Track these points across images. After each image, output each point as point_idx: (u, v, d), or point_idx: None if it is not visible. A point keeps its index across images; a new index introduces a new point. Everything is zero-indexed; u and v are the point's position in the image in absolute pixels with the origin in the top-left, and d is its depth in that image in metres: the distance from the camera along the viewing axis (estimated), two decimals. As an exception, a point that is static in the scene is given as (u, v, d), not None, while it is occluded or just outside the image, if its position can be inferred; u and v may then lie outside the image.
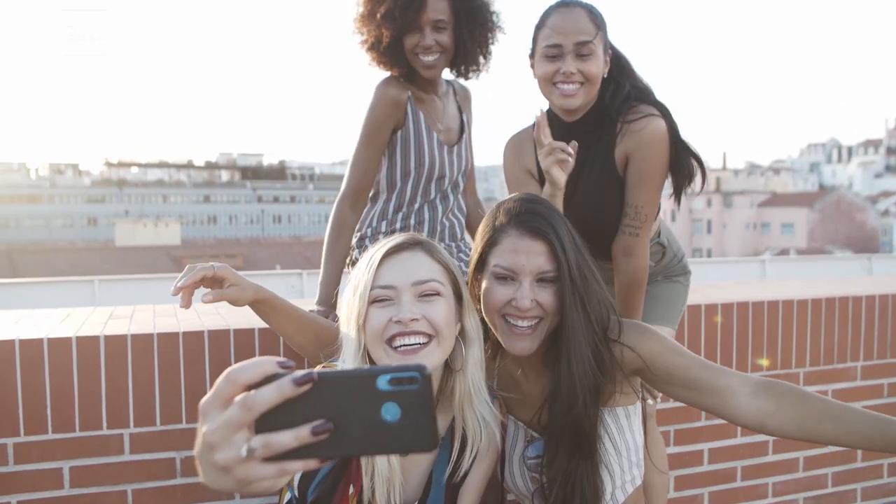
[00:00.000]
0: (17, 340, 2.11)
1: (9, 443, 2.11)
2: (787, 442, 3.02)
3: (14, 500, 2.13)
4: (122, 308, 2.83)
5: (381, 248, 1.69)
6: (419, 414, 0.86)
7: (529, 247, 1.72)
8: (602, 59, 2.17)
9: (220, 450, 0.85)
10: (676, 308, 2.46)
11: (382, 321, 1.62)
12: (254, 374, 0.85)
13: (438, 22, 2.50)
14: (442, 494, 1.78)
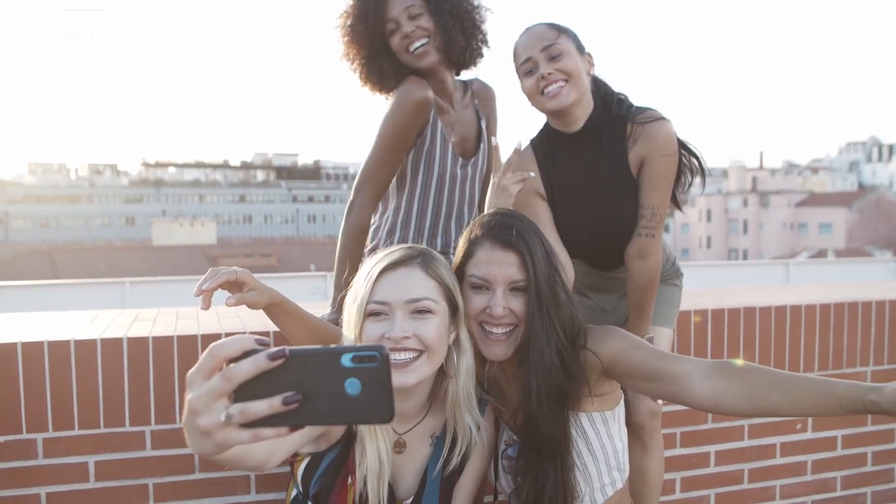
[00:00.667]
0: (45, 342, 2.23)
1: (38, 438, 2.24)
2: (796, 445, 3.06)
3: (43, 492, 2.26)
4: (148, 311, 2.96)
5: (380, 262, 1.76)
6: (377, 389, 0.97)
7: (502, 258, 1.82)
8: (577, 56, 2.21)
9: (202, 415, 0.98)
10: (674, 309, 2.54)
11: (376, 335, 1.71)
12: (234, 348, 0.98)
13: (411, 8, 2.45)
14: (437, 490, 1.87)
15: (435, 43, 2.48)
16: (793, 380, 1.54)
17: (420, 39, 2.46)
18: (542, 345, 1.79)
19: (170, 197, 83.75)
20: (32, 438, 2.24)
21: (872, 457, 3.20)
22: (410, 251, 1.80)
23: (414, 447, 1.88)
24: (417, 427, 1.88)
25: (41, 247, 52.60)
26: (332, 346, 0.99)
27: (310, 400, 0.98)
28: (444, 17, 2.47)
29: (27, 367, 2.22)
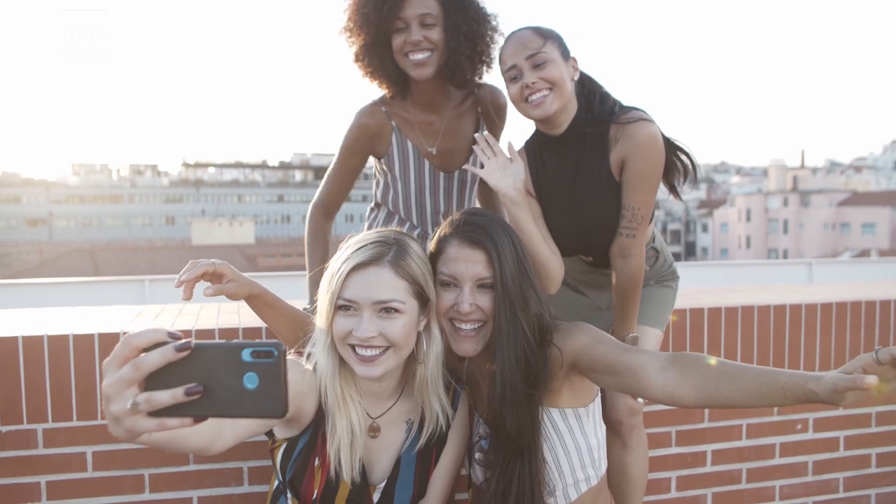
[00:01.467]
0: (45, 336, 2.32)
1: (38, 428, 2.33)
2: (796, 445, 3.04)
3: (43, 480, 2.34)
4: (153, 307, 3.04)
5: (351, 258, 1.79)
6: (273, 384, 1.02)
7: (469, 255, 1.87)
8: (561, 64, 2.22)
9: (113, 402, 1.03)
10: (666, 311, 2.53)
11: (345, 329, 1.76)
12: (146, 339, 1.04)
13: (426, 17, 2.37)
14: (411, 474, 1.91)
15: (437, 58, 2.41)
16: (743, 370, 1.54)
17: (424, 52, 2.38)
18: (508, 341, 1.82)
19: (209, 197, 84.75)
20: (33, 429, 2.32)
21: (877, 458, 3.17)
22: (382, 247, 1.81)
23: (388, 432, 1.92)
24: (391, 411, 1.93)
25: (84, 246, 53.62)
26: (234, 342, 1.03)
27: (211, 392, 1.03)
28: (459, 38, 2.39)
29: (27, 360, 2.31)
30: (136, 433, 1.05)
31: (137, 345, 1.04)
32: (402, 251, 1.82)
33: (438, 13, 2.38)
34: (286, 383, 1.03)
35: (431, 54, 2.39)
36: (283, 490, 1.92)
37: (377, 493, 1.89)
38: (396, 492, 1.90)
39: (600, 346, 1.79)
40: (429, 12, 2.36)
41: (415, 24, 2.36)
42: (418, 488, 1.93)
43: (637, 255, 2.29)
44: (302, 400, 1.80)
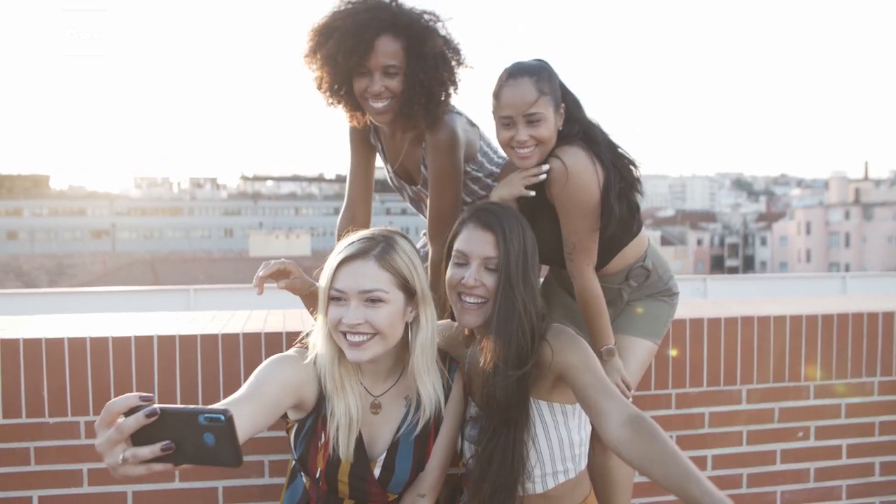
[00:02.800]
0: (87, 338, 2.58)
1: (81, 421, 2.58)
2: (797, 452, 3.14)
3: (84, 468, 2.59)
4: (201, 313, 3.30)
5: (341, 253, 2.02)
6: (225, 441, 1.33)
7: (480, 236, 2.11)
8: (552, 120, 2.35)
9: (106, 457, 1.37)
10: (658, 324, 2.66)
11: (336, 318, 1.99)
12: (122, 405, 1.37)
13: (389, 67, 2.43)
14: (410, 450, 2.12)
15: (394, 105, 2.49)
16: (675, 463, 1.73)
17: (383, 101, 2.47)
18: (506, 315, 2.04)
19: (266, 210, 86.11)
20: (75, 421, 2.58)
21: (880, 467, 3.25)
22: (370, 242, 2.02)
23: (389, 409, 2.13)
24: (392, 389, 2.14)
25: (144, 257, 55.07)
26: (192, 407, 1.34)
27: (181, 446, 1.34)
28: (415, 88, 2.45)
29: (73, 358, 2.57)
30: (131, 477, 1.39)
31: (115, 410, 1.36)
32: (388, 247, 2.02)
33: (402, 62, 2.44)
34: (237, 441, 1.33)
35: (390, 102, 2.48)
36: (298, 469, 2.15)
37: (377, 467, 2.10)
38: (396, 465, 2.10)
39: (585, 376, 1.97)
40: (393, 63, 2.43)
41: (377, 73, 2.44)
42: (417, 461, 2.13)
43: (581, 278, 2.43)
44: (301, 390, 2.02)
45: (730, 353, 3.05)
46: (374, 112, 2.51)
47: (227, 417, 1.31)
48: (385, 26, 2.41)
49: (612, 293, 2.62)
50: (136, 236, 76.20)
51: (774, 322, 3.09)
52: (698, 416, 3.03)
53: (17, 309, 7.56)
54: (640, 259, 2.61)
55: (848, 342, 3.17)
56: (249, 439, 2.58)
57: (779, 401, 3.11)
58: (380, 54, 2.41)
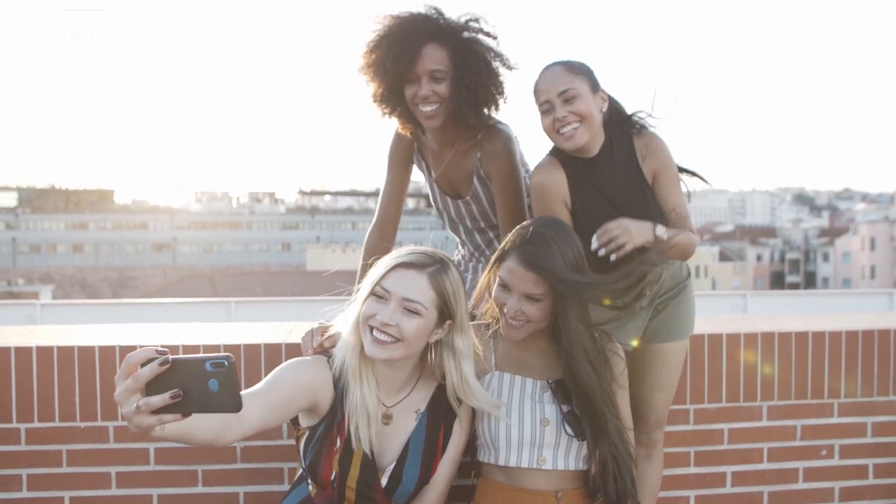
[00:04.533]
0: (116, 347, 2.71)
1: (109, 426, 2.71)
2: (820, 471, 3.10)
3: (113, 471, 2.71)
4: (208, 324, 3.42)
5: (402, 256, 2.13)
6: (229, 387, 1.44)
7: (522, 274, 2.21)
8: (590, 97, 2.46)
9: (123, 406, 1.48)
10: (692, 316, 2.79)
11: (370, 312, 2.09)
12: (141, 357, 1.48)
13: (435, 72, 2.56)
14: (418, 461, 2.19)
15: (444, 109, 2.61)
16: None
17: (431, 105, 2.60)
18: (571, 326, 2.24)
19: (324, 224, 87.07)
20: (104, 426, 2.70)
21: (909, 486, 3.19)
22: (430, 258, 2.14)
23: (399, 420, 2.21)
24: (405, 401, 2.22)
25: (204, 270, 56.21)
26: (200, 355, 1.44)
27: (189, 395, 1.45)
28: (462, 91, 2.58)
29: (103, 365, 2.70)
30: (144, 427, 1.50)
31: (134, 361, 1.48)
32: (443, 269, 2.14)
33: (448, 67, 2.58)
34: (239, 386, 1.44)
35: (439, 107, 2.61)
36: (304, 477, 2.23)
37: (385, 476, 2.17)
38: (404, 475, 2.18)
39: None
40: (439, 68, 2.57)
41: (425, 78, 2.57)
42: (424, 472, 2.20)
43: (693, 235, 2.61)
44: (316, 394, 2.11)
45: (750, 368, 3.04)
46: (424, 116, 2.63)
47: (231, 361, 1.44)
48: (430, 34, 2.57)
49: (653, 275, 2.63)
50: (195, 250, 77.83)
51: (796, 338, 3.07)
52: (717, 432, 3.03)
53: (80, 318, 7.87)
54: None
55: (874, 359, 3.13)
56: (271, 446, 2.70)
57: (801, 418, 3.08)
58: (426, 60, 2.55)
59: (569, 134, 2.45)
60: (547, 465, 2.23)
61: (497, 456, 2.26)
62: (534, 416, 2.24)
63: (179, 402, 1.45)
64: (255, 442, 2.74)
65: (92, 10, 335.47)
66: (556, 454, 2.24)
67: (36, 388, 2.68)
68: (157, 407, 1.47)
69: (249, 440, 2.73)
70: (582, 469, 2.28)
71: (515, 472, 2.25)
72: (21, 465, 2.68)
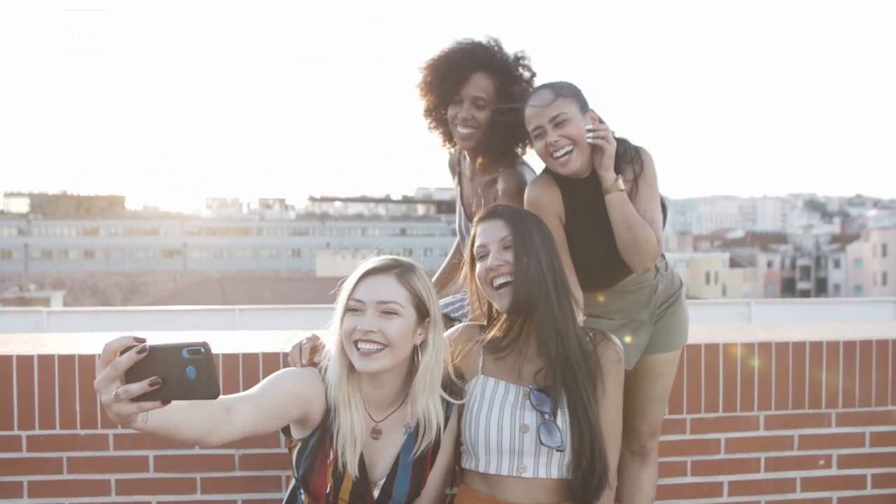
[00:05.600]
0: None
1: (109, 434, 2.73)
2: (818, 481, 3.10)
3: (112, 479, 2.74)
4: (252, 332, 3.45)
5: (365, 266, 2.17)
6: (206, 373, 1.46)
7: (490, 224, 2.31)
8: (579, 120, 2.49)
9: (102, 394, 1.50)
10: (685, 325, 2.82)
11: (351, 326, 2.10)
12: (119, 344, 1.49)
13: (478, 99, 2.69)
14: (408, 475, 2.20)
15: (479, 136, 2.74)
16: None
17: (468, 128, 2.72)
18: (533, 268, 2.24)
19: (333, 230, 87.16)
20: (105, 434, 2.73)
21: (906, 496, 3.19)
22: (393, 262, 2.19)
23: (389, 435, 2.22)
24: (393, 416, 2.22)
25: (214, 276, 56.45)
26: (176, 342, 1.44)
27: (167, 382, 1.45)
28: (499, 123, 2.70)
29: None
30: (123, 415, 1.50)
31: (113, 349, 1.49)
32: (409, 269, 2.18)
33: (491, 96, 2.70)
34: (215, 373, 1.45)
35: (475, 131, 2.73)
36: (298, 488, 2.25)
37: (377, 489, 2.18)
38: (394, 490, 2.19)
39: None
40: (482, 95, 2.70)
41: (468, 102, 2.71)
42: (414, 486, 2.21)
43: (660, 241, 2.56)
44: (309, 403, 2.12)
45: (747, 378, 3.04)
46: (459, 137, 2.77)
47: (206, 348, 1.45)
48: (481, 63, 2.70)
49: (650, 288, 2.70)
50: (206, 256, 78.06)
51: (794, 347, 3.08)
52: (714, 441, 3.03)
53: (87, 326, 7.92)
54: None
55: (872, 369, 3.13)
56: (270, 454, 2.72)
57: (798, 428, 3.09)
58: (472, 86, 2.69)
59: (563, 161, 2.50)
60: (527, 473, 2.20)
61: (478, 463, 2.24)
62: (513, 422, 2.21)
63: (158, 389, 1.46)
64: (253, 450, 2.77)
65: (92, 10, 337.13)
66: (536, 462, 2.20)
67: (37, 395, 2.71)
68: (137, 394, 1.47)
69: (247, 448, 2.76)
70: (565, 478, 2.22)
71: (495, 479, 2.22)
72: (22, 472, 2.72)
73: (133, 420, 1.54)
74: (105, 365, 1.49)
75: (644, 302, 2.69)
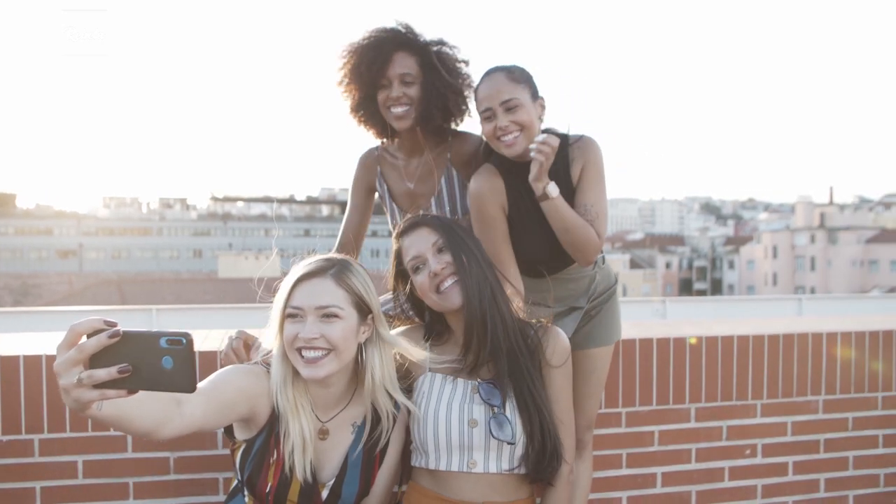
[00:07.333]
0: (43, 356, 2.60)
1: (35, 438, 2.60)
2: (745, 469, 3.22)
3: (38, 486, 2.60)
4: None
5: (298, 271, 2.10)
6: (184, 365, 1.35)
7: (416, 235, 2.29)
8: (530, 107, 2.53)
9: (62, 377, 1.37)
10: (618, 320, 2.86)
11: (292, 334, 2.04)
12: (86, 326, 1.37)
13: (405, 76, 2.72)
14: (357, 473, 2.16)
15: (413, 111, 2.75)
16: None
17: (402, 106, 2.73)
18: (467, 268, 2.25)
19: (236, 231, 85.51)
20: (30, 439, 2.59)
21: (825, 483, 3.34)
22: (327, 262, 2.12)
23: (336, 434, 2.17)
24: (340, 415, 2.18)
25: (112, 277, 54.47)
26: (154, 330, 1.34)
27: (139, 371, 1.35)
28: (432, 93, 2.73)
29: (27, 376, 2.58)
30: (83, 402, 1.38)
31: (79, 331, 1.36)
32: (344, 268, 2.12)
33: (417, 73, 2.74)
34: (195, 366, 1.35)
35: (409, 108, 2.74)
36: (240, 489, 2.18)
37: (325, 490, 2.13)
38: (343, 489, 2.15)
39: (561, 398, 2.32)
40: (408, 72, 2.73)
41: (396, 82, 2.73)
42: (363, 485, 2.18)
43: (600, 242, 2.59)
44: (255, 402, 2.06)
45: (679, 371, 3.13)
46: (394, 118, 2.76)
47: (188, 340, 1.35)
48: (400, 43, 2.76)
49: (588, 278, 2.76)
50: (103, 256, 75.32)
51: (722, 342, 3.18)
52: (648, 434, 3.11)
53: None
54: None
55: (794, 361, 3.27)
56: (206, 456, 2.64)
57: (726, 419, 3.19)
58: (396, 65, 2.73)
59: (509, 142, 2.52)
60: (478, 468, 2.19)
61: (427, 460, 2.23)
62: (461, 416, 2.20)
63: (127, 377, 1.35)
64: (189, 452, 2.67)
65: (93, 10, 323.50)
66: (486, 457, 2.19)
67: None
68: (102, 381, 1.36)
69: (182, 450, 2.67)
70: (516, 471, 2.22)
71: (444, 476, 2.21)
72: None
73: (88, 407, 1.42)
74: (69, 347, 1.37)
75: (583, 290, 2.75)
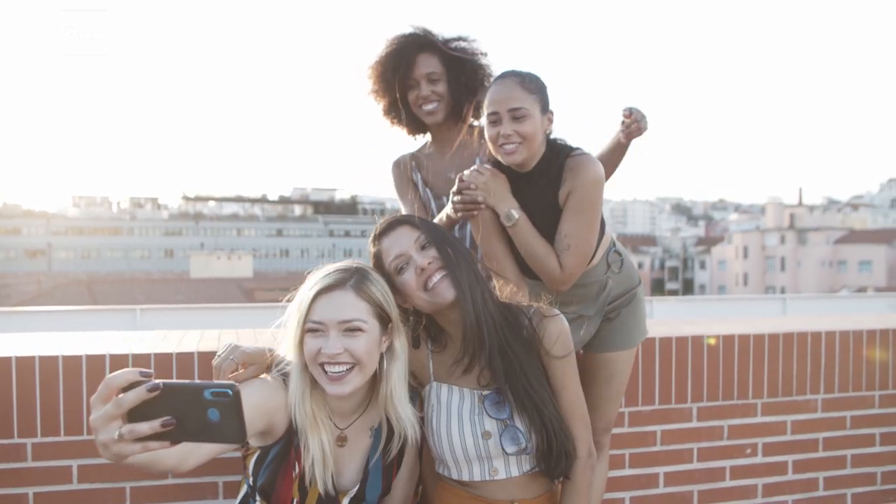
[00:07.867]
0: (36, 357, 2.52)
1: (28, 442, 2.51)
2: (746, 469, 3.22)
3: (31, 492, 2.52)
4: (148, 333, 3.24)
5: (317, 284, 2.01)
6: (231, 417, 1.30)
7: (396, 235, 2.19)
8: (538, 119, 2.44)
9: (101, 432, 1.32)
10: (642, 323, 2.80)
11: (314, 349, 1.96)
12: (123, 380, 1.32)
13: (431, 74, 2.86)
14: (379, 478, 2.12)
15: (444, 106, 2.89)
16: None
17: (432, 103, 2.88)
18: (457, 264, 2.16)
19: (208, 230, 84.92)
20: (23, 443, 2.51)
21: (824, 482, 3.34)
22: (345, 273, 2.03)
23: (355, 440, 2.12)
24: (357, 422, 2.13)
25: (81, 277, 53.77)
26: (197, 382, 1.30)
27: (182, 423, 1.30)
28: (460, 87, 2.87)
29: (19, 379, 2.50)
30: (124, 456, 1.34)
31: (115, 385, 1.32)
32: (363, 277, 2.04)
33: (441, 70, 2.88)
34: (242, 416, 1.30)
35: (439, 104, 2.89)
36: (251, 494, 2.11)
37: (346, 497, 2.09)
38: (367, 494, 2.11)
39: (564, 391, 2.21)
40: (433, 70, 2.87)
41: (423, 81, 2.87)
42: (385, 485, 2.14)
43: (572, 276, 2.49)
44: (273, 416, 2.00)
45: (681, 371, 3.11)
46: (426, 115, 2.90)
47: (235, 391, 1.29)
48: (422, 45, 2.89)
49: (598, 284, 2.65)
50: (73, 256, 74.36)
51: (723, 341, 3.17)
52: (651, 434, 3.09)
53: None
54: (611, 246, 2.69)
55: (793, 360, 3.27)
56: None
57: (727, 418, 3.18)
58: (422, 66, 2.87)
59: (510, 151, 2.44)
60: (500, 475, 2.16)
61: (450, 471, 2.20)
62: (474, 430, 2.16)
63: (171, 430, 1.31)
64: (188, 456, 2.60)
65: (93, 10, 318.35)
66: (506, 463, 2.16)
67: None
68: (145, 435, 1.31)
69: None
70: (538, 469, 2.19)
71: (470, 483, 2.19)
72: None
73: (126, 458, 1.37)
74: (104, 401, 1.32)
75: (592, 297, 2.66)
